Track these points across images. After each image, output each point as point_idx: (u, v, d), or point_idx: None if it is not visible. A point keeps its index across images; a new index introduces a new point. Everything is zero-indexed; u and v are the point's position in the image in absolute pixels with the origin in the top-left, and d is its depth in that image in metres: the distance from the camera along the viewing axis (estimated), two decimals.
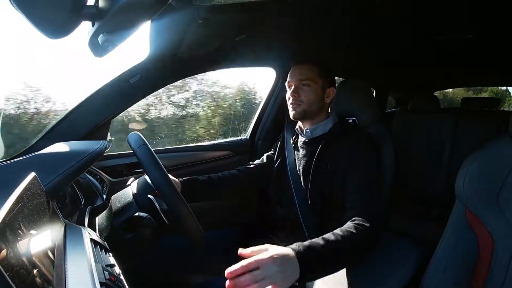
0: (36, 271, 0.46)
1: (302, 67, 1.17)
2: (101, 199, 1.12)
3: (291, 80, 1.17)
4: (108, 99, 1.19)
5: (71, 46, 1.15)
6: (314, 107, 1.15)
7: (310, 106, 1.15)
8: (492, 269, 0.79)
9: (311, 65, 1.16)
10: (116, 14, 0.62)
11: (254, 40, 1.28)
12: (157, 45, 1.12)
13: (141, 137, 0.91)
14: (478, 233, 0.83)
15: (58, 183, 0.77)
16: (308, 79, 1.14)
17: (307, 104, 1.14)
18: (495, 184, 0.80)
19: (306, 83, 1.14)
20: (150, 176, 0.85)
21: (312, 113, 1.16)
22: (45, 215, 0.62)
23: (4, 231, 0.42)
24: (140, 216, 0.83)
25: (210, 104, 2.85)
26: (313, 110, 1.16)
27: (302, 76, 1.14)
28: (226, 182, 1.24)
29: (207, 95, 2.85)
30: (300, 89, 1.14)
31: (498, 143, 0.84)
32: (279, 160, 1.26)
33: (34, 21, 0.58)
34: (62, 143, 0.93)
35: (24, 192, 0.54)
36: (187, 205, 0.82)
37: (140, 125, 1.97)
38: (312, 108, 1.15)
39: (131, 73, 1.19)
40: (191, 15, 0.94)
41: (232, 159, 1.74)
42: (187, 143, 2.17)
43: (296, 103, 1.15)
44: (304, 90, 1.14)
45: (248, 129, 1.91)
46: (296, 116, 1.16)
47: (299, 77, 1.15)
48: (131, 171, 1.37)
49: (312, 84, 1.14)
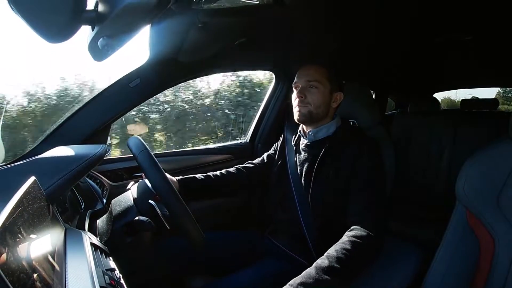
0: (36, 275, 0.45)
1: (310, 68, 1.14)
2: (101, 203, 1.12)
3: (299, 80, 1.14)
4: (108, 103, 1.19)
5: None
6: (320, 111, 1.12)
7: (317, 109, 1.11)
8: (493, 270, 0.79)
9: (320, 67, 1.13)
10: (116, 18, 0.62)
11: (253, 43, 1.28)
12: (157, 49, 1.12)
13: (141, 141, 0.92)
14: (479, 234, 0.82)
15: (58, 187, 0.77)
16: (316, 80, 1.11)
17: (314, 106, 1.11)
18: (496, 185, 0.80)
19: (313, 84, 1.11)
20: (151, 181, 0.85)
21: (317, 116, 1.12)
22: (45, 219, 0.62)
23: (4, 235, 0.42)
24: (140, 220, 0.83)
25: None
26: (319, 113, 1.12)
27: (310, 78, 1.11)
28: (224, 180, 1.24)
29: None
30: (307, 90, 1.11)
31: (498, 145, 0.84)
32: (279, 162, 1.25)
33: (34, 25, 0.58)
34: (62, 147, 0.93)
35: (24, 196, 0.54)
36: (188, 210, 0.82)
37: (140, 128, 1.98)
38: (318, 111, 1.11)
39: (131, 77, 1.19)
40: (191, 19, 0.94)
41: (232, 163, 1.74)
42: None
43: (302, 105, 1.11)
44: (311, 92, 1.11)
45: (248, 133, 1.91)
46: (301, 118, 1.13)
47: (307, 78, 1.12)
48: (131, 175, 1.36)
49: (320, 86, 1.11)
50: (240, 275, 1.05)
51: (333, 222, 1.04)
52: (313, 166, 1.11)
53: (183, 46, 1.11)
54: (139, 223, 0.83)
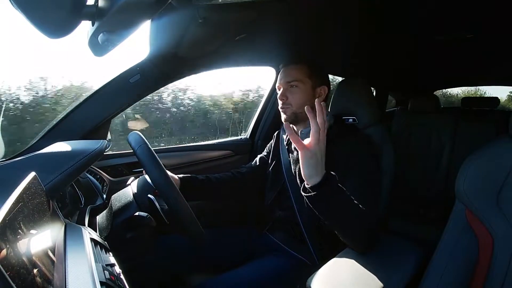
0: (36, 270, 0.46)
1: (289, 68, 1.14)
2: (101, 198, 1.12)
3: (279, 83, 1.15)
4: (108, 98, 1.19)
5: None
6: (304, 109, 1.12)
7: (299, 108, 1.11)
8: (492, 269, 0.79)
9: (298, 66, 1.13)
10: (116, 14, 0.62)
11: (254, 39, 1.28)
12: (157, 45, 1.12)
13: (141, 136, 0.91)
14: (478, 233, 0.83)
15: (58, 182, 0.77)
16: (295, 80, 1.11)
17: (296, 106, 1.11)
18: (495, 184, 0.80)
19: (293, 84, 1.11)
20: (150, 176, 0.85)
21: (302, 115, 1.12)
22: (45, 214, 0.62)
23: (4, 230, 0.42)
24: (140, 215, 0.83)
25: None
26: (303, 112, 1.09)
27: (289, 78, 1.12)
28: (223, 183, 1.24)
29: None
30: (288, 91, 1.12)
31: (498, 143, 0.84)
32: (274, 161, 1.25)
33: (34, 20, 0.58)
34: (62, 143, 0.93)
35: (24, 191, 0.54)
36: (188, 205, 0.82)
37: (140, 124, 1.97)
38: (302, 109, 1.10)
39: (131, 72, 1.19)
40: (191, 14, 0.93)
41: (232, 159, 1.74)
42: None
43: (285, 106, 1.12)
44: (292, 92, 1.12)
45: (248, 129, 1.91)
46: (287, 120, 1.14)
47: (286, 79, 1.12)
48: (131, 170, 1.37)
49: (300, 84, 1.11)
50: (239, 271, 1.06)
51: None
52: None
53: (183, 41, 1.11)
54: (139, 218, 0.83)
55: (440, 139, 2.06)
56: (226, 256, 1.20)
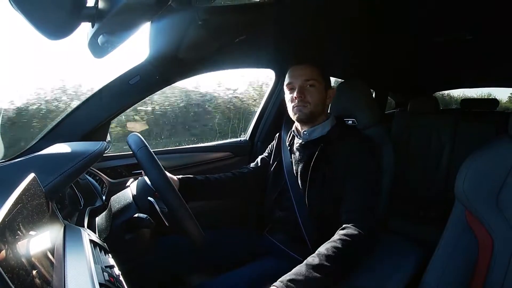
0: (35, 272, 0.46)
1: (304, 67, 1.13)
2: (100, 200, 1.12)
3: (294, 80, 1.12)
4: (108, 100, 1.19)
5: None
6: (319, 108, 1.12)
7: (316, 107, 1.11)
8: (491, 269, 0.79)
9: (312, 66, 1.13)
10: (116, 15, 0.62)
11: (253, 41, 1.28)
12: (157, 47, 1.12)
13: (141, 138, 0.91)
14: (478, 233, 0.83)
15: (58, 184, 0.77)
16: (313, 79, 1.10)
17: (314, 105, 1.11)
18: (495, 184, 0.80)
19: (311, 83, 1.10)
20: (150, 178, 0.85)
21: (317, 114, 1.13)
22: (44, 216, 0.62)
23: (3, 232, 0.42)
24: (139, 217, 0.83)
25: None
26: (318, 111, 1.12)
27: (307, 76, 1.11)
28: (223, 184, 1.23)
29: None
30: (306, 89, 1.11)
31: (497, 144, 0.84)
32: (275, 162, 1.25)
33: (34, 22, 0.58)
34: (62, 144, 0.93)
35: (24, 193, 0.54)
36: (187, 207, 0.82)
37: (140, 125, 1.97)
38: (317, 109, 1.11)
39: (131, 74, 1.19)
40: (191, 16, 0.94)
41: (231, 160, 1.74)
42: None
43: (303, 104, 1.11)
44: (310, 91, 1.10)
45: (248, 130, 1.91)
46: (302, 118, 1.12)
47: (304, 77, 1.11)
48: (130, 172, 1.36)
49: (317, 84, 1.11)
50: (239, 273, 1.06)
51: (331, 221, 1.04)
52: (309, 166, 1.11)
53: (183, 43, 1.11)
54: (138, 220, 0.83)
55: (440, 139, 2.06)
56: (226, 256, 1.20)
